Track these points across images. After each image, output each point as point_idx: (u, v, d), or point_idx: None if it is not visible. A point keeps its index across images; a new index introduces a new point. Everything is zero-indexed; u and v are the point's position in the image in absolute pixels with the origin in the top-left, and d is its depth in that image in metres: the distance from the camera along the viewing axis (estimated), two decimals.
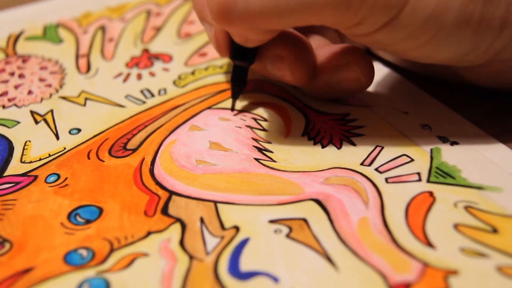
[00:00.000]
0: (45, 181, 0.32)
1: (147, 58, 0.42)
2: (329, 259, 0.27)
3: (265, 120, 0.35)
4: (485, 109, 0.35)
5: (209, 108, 0.37)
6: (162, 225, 0.29)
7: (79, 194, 0.31)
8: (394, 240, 0.27)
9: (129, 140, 0.34)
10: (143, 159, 0.33)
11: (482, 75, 0.33)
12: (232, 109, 0.36)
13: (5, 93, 0.39)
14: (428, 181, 0.30)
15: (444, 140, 0.33)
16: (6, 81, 0.40)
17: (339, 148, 0.33)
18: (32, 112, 0.37)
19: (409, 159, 0.32)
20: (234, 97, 0.36)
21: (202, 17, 0.35)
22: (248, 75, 0.35)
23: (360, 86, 0.35)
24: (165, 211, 0.30)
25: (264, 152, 0.33)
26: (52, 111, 0.37)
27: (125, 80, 0.40)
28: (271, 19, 0.29)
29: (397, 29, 0.29)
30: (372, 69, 0.34)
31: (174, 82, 0.39)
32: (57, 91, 0.39)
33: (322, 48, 0.35)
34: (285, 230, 0.28)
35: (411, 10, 0.29)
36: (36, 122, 0.37)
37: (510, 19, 0.30)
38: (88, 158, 0.33)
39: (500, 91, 0.35)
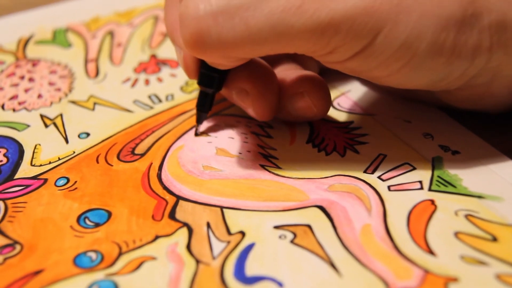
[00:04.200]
0: (55, 185, 0.33)
1: (155, 64, 0.42)
2: (332, 265, 0.27)
3: (271, 127, 0.36)
4: (486, 119, 0.35)
5: (216, 114, 0.37)
6: (170, 229, 0.30)
7: (88, 197, 0.32)
8: (396, 247, 0.28)
9: (137, 145, 0.35)
10: (151, 164, 0.34)
11: (458, 97, 0.33)
12: (196, 133, 0.35)
13: (15, 97, 0.40)
14: (430, 189, 0.31)
15: (445, 149, 0.33)
16: (16, 85, 0.41)
17: (342, 156, 0.34)
18: (42, 116, 0.38)
19: (411, 168, 0.32)
20: (198, 121, 0.35)
21: (173, 38, 0.34)
22: (214, 102, 0.35)
23: (313, 115, 0.34)
24: (172, 215, 0.30)
25: (270, 158, 0.34)
26: (61, 115, 0.38)
27: (133, 85, 0.40)
28: (244, 49, 0.29)
29: (369, 58, 0.29)
30: (325, 99, 0.34)
31: (181, 88, 0.40)
32: (66, 95, 0.40)
33: (283, 73, 0.35)
34: (290, 236, 0.29)
35: (383, 39, 0.29)
36: (46, 125, 0.37)
37: (483, 47, 0.30)
38: (97, 162, 0.34)
39: (477, 112, 0.35)
